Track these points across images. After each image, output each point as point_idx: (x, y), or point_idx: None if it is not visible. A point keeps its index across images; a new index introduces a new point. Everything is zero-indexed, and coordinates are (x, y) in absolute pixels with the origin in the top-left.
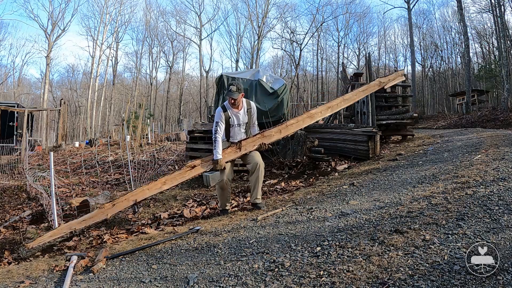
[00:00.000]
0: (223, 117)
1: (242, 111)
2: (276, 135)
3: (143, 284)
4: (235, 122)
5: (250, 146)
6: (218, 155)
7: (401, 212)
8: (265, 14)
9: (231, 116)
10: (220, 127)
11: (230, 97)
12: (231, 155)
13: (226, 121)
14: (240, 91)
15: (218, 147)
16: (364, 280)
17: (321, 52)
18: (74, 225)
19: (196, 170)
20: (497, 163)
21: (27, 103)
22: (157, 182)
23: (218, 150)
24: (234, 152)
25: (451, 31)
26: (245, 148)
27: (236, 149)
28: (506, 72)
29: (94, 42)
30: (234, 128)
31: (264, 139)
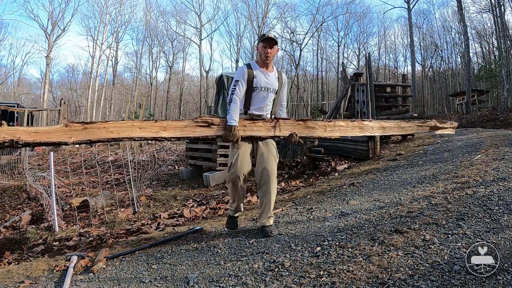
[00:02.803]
0: (246, 75)
1: (272, 74)
2: (318, 131)
3: (143, 284)
4: (262, 84)
5: (285, 130)
6: (232, 121)
7: (401, 212)
8: (265, 14)
9: (257, 75)
10: (240, 88)
11: (264, 45)
12: (258, 130)
13: (248, 83)
14: (277, 41)
15: (234, 111)
16: (364, 280)
17: (321, 52)
18: (20, 133)
19: (210, 130)
20: (497, 163)
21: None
22: (155, 124)
23: (233, 114)
24: (264, 128)
25: (451, 31)
26: (280, 129)
27: (270, 125)
28: (506, 72)
29: (94, 42)
30: (259, 93)
31: (304, 129)
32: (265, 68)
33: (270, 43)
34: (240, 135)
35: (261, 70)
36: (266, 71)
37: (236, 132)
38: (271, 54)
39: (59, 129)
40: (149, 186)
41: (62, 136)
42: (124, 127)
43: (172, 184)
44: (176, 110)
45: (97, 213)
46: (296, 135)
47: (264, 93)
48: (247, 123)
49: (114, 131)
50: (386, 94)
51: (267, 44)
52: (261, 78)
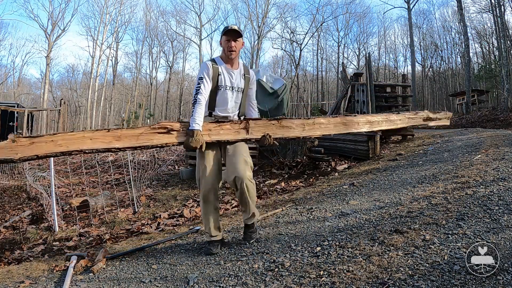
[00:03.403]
0: (211, 71)
1: (238, 71)
2: (296, 130)
3: (143, 284)
4: (226, 83)
5: (257, 131)
6: (195, 125)
7: (401, 212)
8: (265, 14)
9: (222, 73)
10: (204, 86)
11: (227, 38)
12: (225, 133)
13: (214, 80)
14: (242, 34)
15: (197, 113)
16: (364, 280)
17: (321, 52)
18: None
19: (170, 137)
20: (497, 163)
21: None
22: (107, 133)
23: (196, 117)
24: (233, 131)
25: (451, 31)
26: (251, 131)
27: (239, 127)
28: (506, 72)
29: (94, 42)
30: (225, 92)
31: (278, 129)
32: (230, 65)
33: (234, 35)
34: (205, 140)
35: (226, 67)
36: (231, 68)
37: (199, 138)
38: (236, 48)
39: (6, 145)
40: (149, 186)
41: (8, 153)
42: (74, 139)
43: (172, 184)
44: (176, 110)
45: (97, 213)
46: (270, 137)
47: (229, 92)
48: (212, 127)
49: (63, 144)
50: (386, 94)
51: (230, 37)
52: (226, 76)
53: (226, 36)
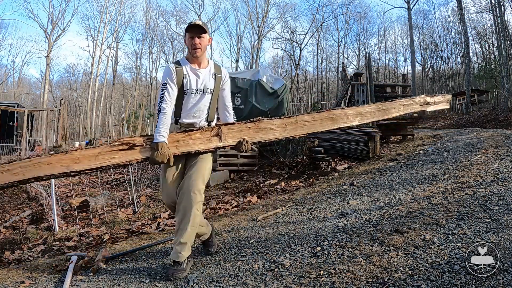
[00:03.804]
0: (175, 75)
1: (206, 71)
2: (276, 131)
3: (143, 284)
4: (192, 85)
5: (232, 137)
6: (159, 137)
7: (401, 212)
8: (265, 14)
9: (188, 75)
10: (169, 92)
11: (191, 35)
12: (195, 143)
13: (178, 85)
14: (207, 28)
15: (162, 123)
16: (364, 280)
17: (321, 52)
18: None
19: (134, 153)
20: (497, 163)
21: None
22: (65, 156)
23: (160, 128)
24: (204, 140)
25: (451, 31)
26: (225, 138)
27: (211, 135)
28: (506, 72)
29: (94, 42)
30: (191, 96)
31: (256, 132)
32: (197, 64)
33: (197, 31)
34: (172, 153)
35: (192, 67)
36: (198, 67)
37: (164, 151)
38: (201, 45)
39: None
40: (149, 186)
41: None
42: (30, 165)
43: None
44: None
45: (97, 213)
46: (247, 142)
47: (197, 96)
48: (180, 137)
49: (19, 173)
50: (386, 94)
51: (193, 34)
52: (192, 77)
53: (189, 33)
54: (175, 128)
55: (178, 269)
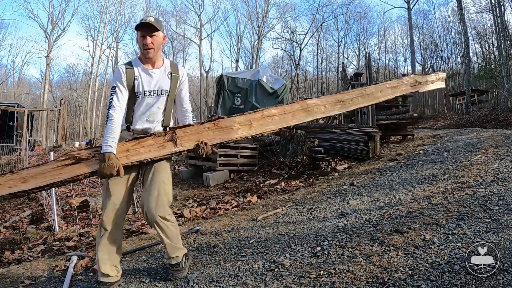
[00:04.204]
0: (125, 77)
1: (161, 70)
2: (241, 130)
3: (143, 284)
4: (145, 87)
5: (189, 141)
6: (106, 147)
7: (401, 212)
8: (265, 14)
9: (139, 76)
10: (118, 97)
11: (141, 34)
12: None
13: (129, 88)
14: (160, 26)
15: (110, 131)
16: (364, 280)
17: (321, 52)
18: None
19: (81, 167)
20: (497, 163)
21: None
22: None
23: (108, 137)
24: (156, 147)
25: (451, 31)
26: (181, 142)
27: (164, 140)
28: (506, 72)
29: (94, 42)
30: (144, 100)
31: (217, 132)
32: (150, 65)
33: (148, 30)
34: (122, 164)
35: (145, 68)
36: (151, 68)
37: (112, 162)
38: (154, 44)
39: None
40: None
41: None
42: None
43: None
44: None
45: (97, 213)
46: (206, 145)
47: (150, 98)
48: (131, 146)
49: None
50: None
51: (145, 32)
52: (144, 78)
53: (140, 32)
54: (128, 135)
55: (177, 269)
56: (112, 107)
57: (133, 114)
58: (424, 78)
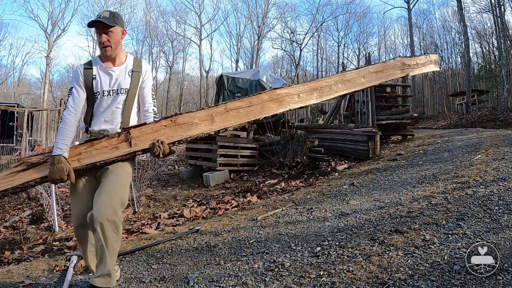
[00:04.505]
0: (83, 77)
1: (122, 68)
2: (201, 126)
3: (143, 284)
4: (103, 87)
5: (144, 140)
6: (57, 149)
7: (401, 212)
8: (265, 14)
9: (98, 75)
10: (74, 98)
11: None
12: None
13: (87, 88)
14: (117, 20)
15: (62, 134)
16: (364, 280)
17: (321, 52)
18: None
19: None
20: (497, 163)
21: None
22: None
23: (59, 140)
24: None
25: (451, 31)
26: (136, 142)
27: (118, 141)
28: (506, 72)
29: (94, 42)
30: (103, 100)
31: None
32: (111, 62)
33: (102, 26)
34: (74, 167)
35: (104, 66)
36: (112, 66)
37: (62, 165)
38: (110, 41)
39: None
40: (149, 186)
41: None
42: None
43: (172, 184)
44: (176, 110)
45: None
46: (162, 143)
47: (109, 98)
48: (83, 149)
49: None
50: (386, 94)
51: (100, 30)
52: (103, 77)
53: (96, 29)
54: (86, 137)
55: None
56: (66, 108)
57: (92, 115)
58: (413, 61)
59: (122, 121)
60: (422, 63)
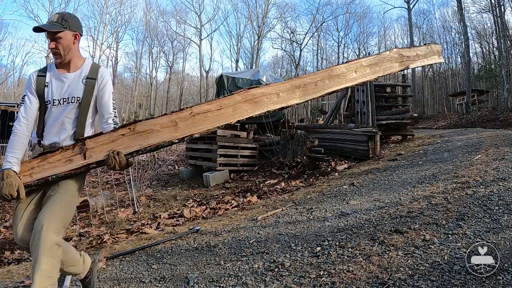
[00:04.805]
0: (35, 85)
1: (76, 74)
2: (163, 133)
3: (143, 284)
4: (54, 96)
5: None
6: (5, 163)
7: (401, 212)
8: (265, 14)
9: (50, 82)
10: (26, 107)
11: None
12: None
13: (39, 95)
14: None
15: (13, 146)
16: (364, 280)
17: (321, 52)
18: None
19: None
20: (497, 163)
21: None
22: None
23: (8, 153)
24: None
25: (451, 31)
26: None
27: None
28: (506, 72)
29: (94, 42)
30: (53, 109)
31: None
32: (65, 69)
33: (50, 32)
34: (25, 182)
35: (57, 73)
36: (65, 72)
37: (11, 180)
38: (60, 48)
39: None
40: (149, 186)
41: None
42: None
43: (172, 184)
44: None
45: (97, 213)
46: (117, 154)
47: (59, 108)
48: (36, 163)
49: None
50: (386, 94)
51: (47, 35)
52: (55, 85)
53: (45, 35)
54: (39, 151)
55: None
56: (17, 119)
57: (44, 127)
58: (413, 52)
59: (75, 132)
60: (423, 54)
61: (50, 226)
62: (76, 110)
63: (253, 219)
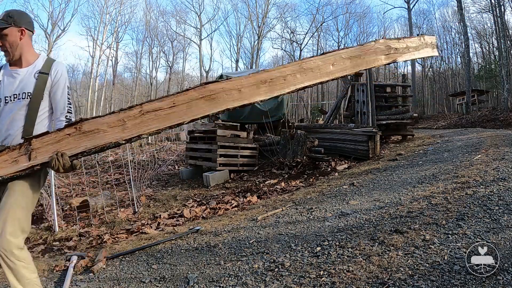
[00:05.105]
0: None
1: (28, 70)
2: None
3: (143, 284)
4: (5, 93)
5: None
6: None
7: (401, 212)
8: (265, 14)
9: (3, 79)
10: None
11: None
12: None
13: None
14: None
15: None
16: (364, 280)
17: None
18: None
19: None
20: (497, 163)
21: None
22: None
23: None
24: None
25: (451, 31)
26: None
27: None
28: (506, 72)
29: (94, 42)
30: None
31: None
32: (17, 65)
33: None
34: None
35: (9, 70)
36: (17, 68)
37: None
38: (5, 44)
39: None
40: (149, 186)
41: None
42: None
43: (172, 184)
44: None
45: (97, 213)
46: (61, 156)
47: (10, 104)
48: None
49: None
50: (386, 94)
51: None
52: (7, 81)
53: None
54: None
55: None
56: None
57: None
58: (403, 43)
59: (24, 130)
60: (414, 46)
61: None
62: (25, 106)
63: (253, 219)
